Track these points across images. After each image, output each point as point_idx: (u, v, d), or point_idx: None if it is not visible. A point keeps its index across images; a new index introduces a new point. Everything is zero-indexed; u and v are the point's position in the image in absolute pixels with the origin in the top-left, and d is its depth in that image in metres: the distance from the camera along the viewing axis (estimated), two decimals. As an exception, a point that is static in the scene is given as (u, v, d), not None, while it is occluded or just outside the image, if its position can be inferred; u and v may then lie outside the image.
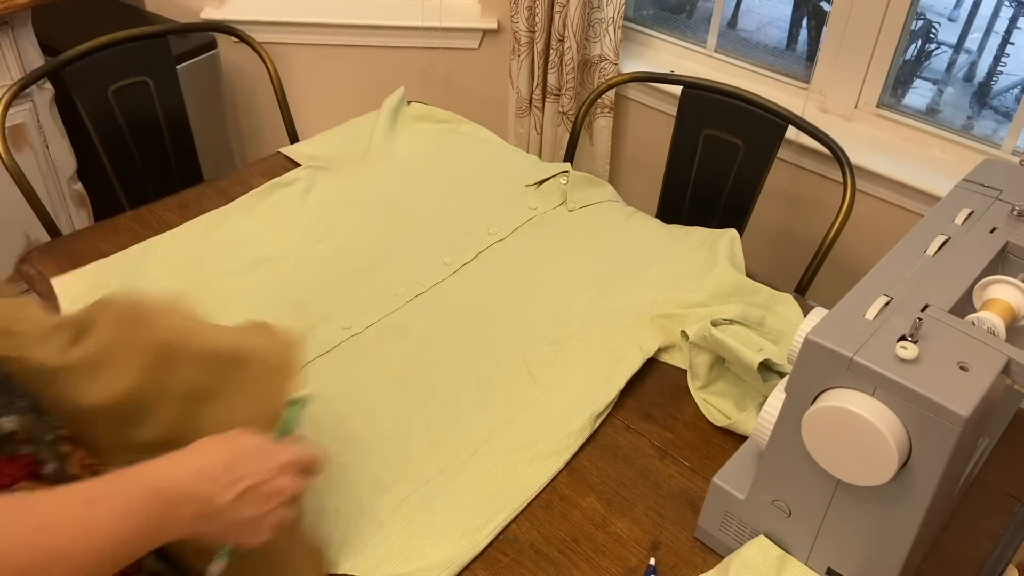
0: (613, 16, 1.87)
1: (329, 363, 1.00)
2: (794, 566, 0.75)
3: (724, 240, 1.20)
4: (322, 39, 2.11)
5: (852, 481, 0.65)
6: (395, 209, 1.27)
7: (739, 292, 1.10)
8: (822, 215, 1.80)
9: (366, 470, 0.87)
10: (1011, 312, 0.70)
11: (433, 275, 1.14)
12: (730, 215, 1.53)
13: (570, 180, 1.32)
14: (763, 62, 1.88)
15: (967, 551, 0.83)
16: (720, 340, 0.92)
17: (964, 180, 0.84)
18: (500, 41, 2.15)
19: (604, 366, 1.01)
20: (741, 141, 1.49)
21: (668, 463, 0.91)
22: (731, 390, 0.96)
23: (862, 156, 1.64)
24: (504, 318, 1.07)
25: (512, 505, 0.84)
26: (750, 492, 0.76)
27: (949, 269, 0.72)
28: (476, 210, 1.27)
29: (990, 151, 1.62)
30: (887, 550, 0.69)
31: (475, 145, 1.45)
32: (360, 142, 1.41)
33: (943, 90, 2.29)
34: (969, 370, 0.61)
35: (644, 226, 1.27)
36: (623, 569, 0.80)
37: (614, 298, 1.12)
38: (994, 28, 2.72)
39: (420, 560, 0.78)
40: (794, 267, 1.50)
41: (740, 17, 2.79)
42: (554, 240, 1.23)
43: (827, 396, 0.64)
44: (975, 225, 0.78)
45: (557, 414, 0.95)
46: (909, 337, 0.63)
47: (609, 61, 1.93)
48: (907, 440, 0.62)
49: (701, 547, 0.82)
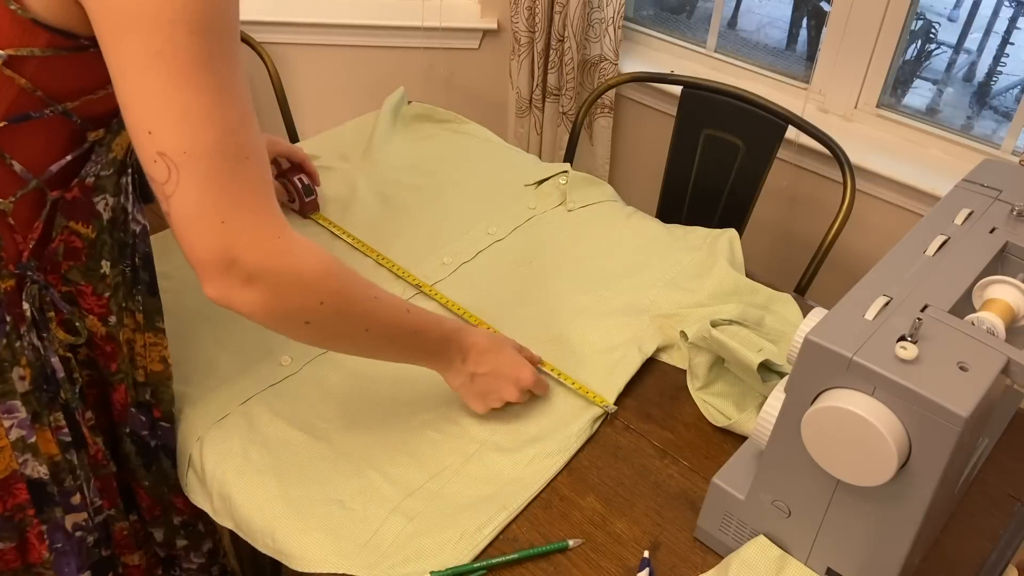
0: (613, 16, 1.87)
1: (328, 363, 1.00)
2: (794, 566, 0.75)
3: (724, 240, 1.20)
4: (322, 39, 2.11)
5: (852, 481, 0.65)
6: (395, 208, 1.27)
7: (738, 292, 1.10)
8: (822, 215, 1.80)
9: (365, 470, 0.87)
10: (1011, 312, 0.70)
11: (432, 274, 1.14)
12: (730, 215, 1.53)
13: (569, 180, 1.32)
14: (763, 62, 1.89)
15: (967, 551, 0.83)
16: (719, 340, 0.92)
17: (964, 180, 0.84)
18: (500, 41, 2.15)
19: (604, 366, 1.01)
20: (741, 141, 1.49)
21: (668, 463, 0.91)
22: (731, 390, 0.96)
23: (862, 156, 1.64)
24: (503, 318, 1.07)
25: (512, 505, 0.84)
26: (750, 492, 0.76)
27: (949, 269, 0.72)
28: (475, 210, 1.27)
29: (990, 151, 1.62)
30: (887, 550, 0.69)
31: (475, 145, 1.45)
32: (360, 142, 1.41)
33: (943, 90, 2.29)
34: (969, 370, 0.61)
35: (644, 226, 1.27)
36: (623, 569, 0.80)
37: (613, 298, 1.12)
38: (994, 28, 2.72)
39: (420, 560, 0.78)
40: (794, 267, 1.50)
41: (740, 17, 2.79)
42: (553, 240, 1.23)
43: (827, 396, 0.64)
44: (975, 225, 0.78)
45: (557, 414, 0.95)
46: (909, 337, 0.63)
47: (609, 61, 1.93)
48: (907, 440, 0.62)
49: (701, 547, 0.82)
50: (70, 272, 0.75)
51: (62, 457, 0.81)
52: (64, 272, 0.75)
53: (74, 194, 0.74)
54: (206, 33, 0.62)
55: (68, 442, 0.81)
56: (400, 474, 0.87)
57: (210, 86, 0.63)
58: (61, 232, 0.75)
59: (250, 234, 0.66)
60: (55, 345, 0.78)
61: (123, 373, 0.84)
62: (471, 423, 0.93)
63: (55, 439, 0.80)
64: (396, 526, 0.81)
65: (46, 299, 0.75)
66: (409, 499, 0.84)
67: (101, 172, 0.75)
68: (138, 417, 0.87)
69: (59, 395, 0.79)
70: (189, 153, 0.63)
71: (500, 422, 0.93)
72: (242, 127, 0.66)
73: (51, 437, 0.79)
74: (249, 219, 0.66)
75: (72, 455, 0.82)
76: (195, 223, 0.65)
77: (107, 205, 0.76)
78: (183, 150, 0.63)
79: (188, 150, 0.63)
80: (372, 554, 0.79)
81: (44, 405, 0.78)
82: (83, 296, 0.77)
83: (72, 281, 0.75)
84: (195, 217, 0.65)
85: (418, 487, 0.86)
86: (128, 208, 0.79)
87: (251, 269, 0.67)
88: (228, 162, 0.64)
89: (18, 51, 0.65)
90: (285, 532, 0.81)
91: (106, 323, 0.80)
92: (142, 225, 0.81)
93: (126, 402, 0.86)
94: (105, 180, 0.75)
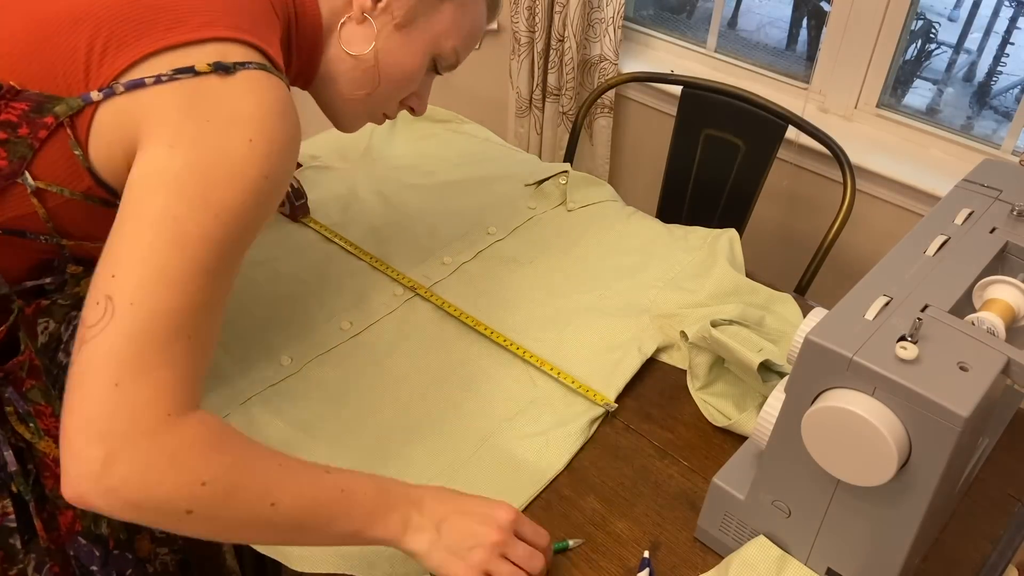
0: (613, 16, 1.87)
1: (328, 363, 1.00)
2: (794, 566, 0.75)
3: (724, 240, 1.20)
4: (322, 39, 2.10)
5: (852, 481, 0.65)
6: (394, 208, 1.27)
7: (738, 292, 1.10)
8: (822, 215, 1.80)
9: (366, 470, 0.87)
10: (1011, 312, 0.70)
11: (432, 274, 1.14)
12: (730, 215, 1.53)
13: (570, 180, 1.32)
14: (763, 62, 1.88)
15: (967, 551, 0.83)
16: (720, 340, 0.92)
17: (964, 180, 0.84)
18: (500, 41, 2.15)
19: (604, 366, 1.01)
20: (741, 141, 1.49)
21: (668, 463, 0.91)
22: (731, 390, 0.96)
23: (862, 156, 1.64)
24: (503, 318, 1.07)
25: (512, 505, 0.84)
26: (750, 492, 0.76)
27: (949, 269, 0.72)
28: (475, 210, 1.27)
29: (990, 151, 1.62)
30: (887, 550, 0.69)
31: (475, 145, 1.45)
32: (360, 141, 1.41)
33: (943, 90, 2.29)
34: (969, 370, 0.61)
35: (644, 226, 1.27)
36: (623, 569, 0.80)
37: (613, 298, 1.12)
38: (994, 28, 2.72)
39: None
40: (794, 267, 1.50)
41: (740, 17, 2.79)
42: (553, 240, 1.23)
43: (827, 396, 0.64)
44: (975, 225, 0.78)
45: (557, 414, 0.95)
46: (909, 337, 0.63)
47: (609, 61, 1.93)
48: (907, 440, 0.62)
49: (701, 547, 0.82)
50: (31, 391, 0.73)
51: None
52: (26, 391, 0.73)
53: (29, 311, 0.72)
54: (228, 226, 0.62)
55: (12, 528, 0.75)
56: (400, 474, 0.87)
57: (200, 263, 0.61)
58: (27, 348, 0.73)
59: (134, 406, 0.58)
60: (8, 436, 0.74)
61: None
62: (471, 424, 0.93)
63: None
64: (396, 526, 0.81)
65: (4, 395, 0.72)
66: (409, 499, 0.84)
67: (58, 300, 0.73)
68: (88, 549, 0.80)
69: (9, 485, 0.75)
70: (135, 306, 0.58)
71: (500, 421, 0.93)
72: (204, 312, 0.62)
73: None
74: (144, 390, 0.58)
75: (15, 540, 0.76)
76: (89, 376, 0.58)
77: (46, 329, 0.74)
78: (130, 301, 0.59)
79: (135, 302, 0.59)
80: (372, 554, 0.79)
81: None
82: (41, 416, 0.74)
83: (32, 400, 0.73)
84: (92, 372, 0.58)
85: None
86: (63, 338, 0.76)
87: (115, 444, 0.57)
88: (167, 333, 0.59)
89: (49, 186, 0.66)
90: (285, 532, 0.81)
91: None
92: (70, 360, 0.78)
93: (72, 528, 0.79)
94: (56, 308, 0.73)
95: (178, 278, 0.60)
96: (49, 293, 0.73)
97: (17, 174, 0.65)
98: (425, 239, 1.21)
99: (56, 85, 0.64)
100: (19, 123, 0.64)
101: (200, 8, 0.67)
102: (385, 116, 0.89)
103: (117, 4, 0.65)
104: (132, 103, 0.63)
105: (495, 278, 1.15)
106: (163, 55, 0.64)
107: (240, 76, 0.65)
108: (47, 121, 0.64)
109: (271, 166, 0.64)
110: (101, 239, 0.64)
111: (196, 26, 0.65)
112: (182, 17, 0.65)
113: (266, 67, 0.67)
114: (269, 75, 0.67)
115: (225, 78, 0.64)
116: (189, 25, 0.65)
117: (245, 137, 0.63)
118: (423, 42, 0.82)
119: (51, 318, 0.74)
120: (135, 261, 0.59)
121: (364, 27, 0.79)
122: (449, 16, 0.82)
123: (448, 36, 0.84)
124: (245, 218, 0.63)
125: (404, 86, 0.85)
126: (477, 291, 1.12)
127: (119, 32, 0.64)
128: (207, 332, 0.63)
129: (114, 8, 0.65)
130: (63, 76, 0.64)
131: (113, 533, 0.82)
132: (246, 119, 0.63)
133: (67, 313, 0.75)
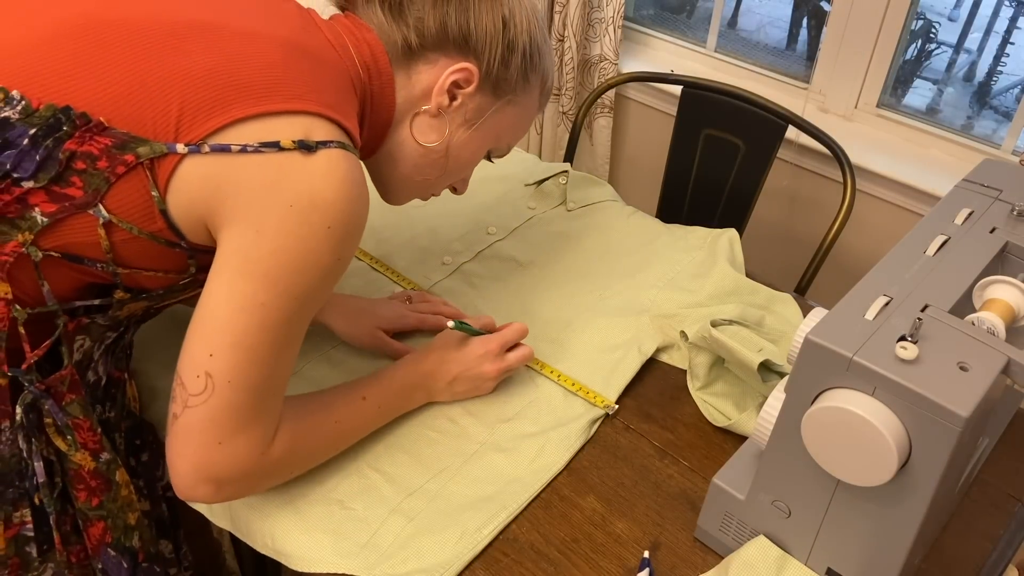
0: (613, 16, 1.87)
1: (328, 363, 1.00)
2: (794, 566, 0.75)
3: (724, 240, 1.20)
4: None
5: (852, 481, 0.65)
6: (394, 208, 1.26)
7: (738, 292, 1.10)
8: (822, 215, 1.80)
9: (365, 470, 0.87)
10: (1011, 312, 0.70)
11: (432, 274, 1.14)
12: (730, 215, 1.53)
13: (570, 180, 1.32)
14: (763, 62, 1.89)
15: (967, 551, 0.83)
16: (719, 340, 0.92)
17: (964, 180, 0.84)
18: (500, 41, 2.14)
19: (604, 366, 1.01)
20: (741, 141, 1.49)
21: (668, 463, 0.91)
22: (731, 390, 0.96)
23: (862, 156, 1.64)
24: (503, 318, 1.07)
25: (512, 505, 0.84)
26: (750, 492, 0.76)
27: (949, 269, 0.72)
28: (475, 210, 1.27)
29: (990, 151, 1.62)
30: (887, 550, 0.69)
31: (475, 145, 1.45)
32: (360, 142, 1.41)
33: (943, 90, 2.28)
34: (969, 370, 0.61)
35: (644, 226, 1.27)
36: (623, 569, 0.80)
37: (613, 298, 1.12)
38: (994, 28, 2.72)
39: (419, 560, 0.78)
40: (794, 267, 1.50)
41: (740, 17, 2.79)
42: (553, 240, 1.23)
43: (827, 396, 0.64)
44: (975, 225, 0.78)
45: (557, 414, 0.95)
46: (909, 337, 0.63)
47: (609, 61, 1.93)
48: (907, 440, 0.62)
49: (701, 547, 0.82)
50: (70, 405, 0.75)
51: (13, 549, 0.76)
52: (65, 404, 0.74)
53: (70, 327, 0.74)
54: (305, 306, 0.71)
55: (29, 536, 0.76)
56: (400, 474, 0.87)
57: (283, 338, 0.71)
58: (69, 363, 0.74)
59: (236, 456, 0.72)
60: (41, 447, 0.74)
61: (106, 511, 0.79)
62: (471, 423, 0.93)
63: (8, 535, 0.75)
64: (396, 526, 0.81)
65: (44, 407, 0.73)
66: (409, 499, 0.84)
67: (98, 319, 0.75)
68: (117, 561, 0.81)
69: (32, 496, 0.75)
70: (232, 384, 0.69)
71: (500, 422, 0.93)
72: (285, 371, 0.74)
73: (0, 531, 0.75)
74: (241, 444, 0.72)
75: (32, 548, 0.76)
76: (195, 436, 0.70)
77: (81, 346, 0.75)
78: (228, 380, 0.69)
79: (232, 381, 0.69)
80: (372, 554, 0.79)
81: (8, 502, 0.74)
82: (79, 429, 0.76)
83: (71, 414, 0.75)
84: (198, 431, 0.70)
85: (418, 487, 0.85)
86: (94, 356, 0.78)
87: (224, 479, 0.73)
88: (257, 400, 0.72)
89: (121, 222, 0.67)
90: (284, 532, 0.81)
91: (97, 459, 0.77)
92: (99, 377, 0.80)
93: (103, 540, 0.80)
94: (94, 327, 0.75)
95: (266, 357, 0.70)
96: (91, 312, 0.74)
97: (90, 205, 0.66)
98: (425, 239, 1.21)
99: (144, 129, 0.66)
100: (100, 156, 0.65)
101: (291, 81, 0.70)
102: (432, 195, 0.95)
103: (215, 68, 0.68)
104: (219, 168, 0.66)
105: (495, 278, 1.15)
106: (251, 122, 0.67)
107: (321, 156, 0.68)
108: (127, 159, 0.65)
109: (344, 249, 0.71)
110: (155, 270, 0.73)
111: (286, 98, 0.69)
112: (274, 88, 0.68)
113: (346, 145, 0.71)
114: (348, 154, 0.70)
115: (308, 156, 0.67)
116: (280, 96, 0.68)
117: (324, 224, 0.68)
118: (485, 139, 0.88)
119: (88, 336, 0.76)
120: (228, 345, 0.69)
121: (437, 121, 0.84)
122: (511, 116, 0.88)
123: (507, 133, 0.90)
124: (318, 296, 0.72)
125: (461, 174, 0.92)
126: (477, 291, 1.12)
127: (212, 95, 0.67)
128: (284, 380, 0.75)
129: (212, 71, 0.67)
130: (151, 123, 0.66)
131: (144, 546, 0.84)
132: (326, 206, 0.68)
133: (103, 333, 0.78)
